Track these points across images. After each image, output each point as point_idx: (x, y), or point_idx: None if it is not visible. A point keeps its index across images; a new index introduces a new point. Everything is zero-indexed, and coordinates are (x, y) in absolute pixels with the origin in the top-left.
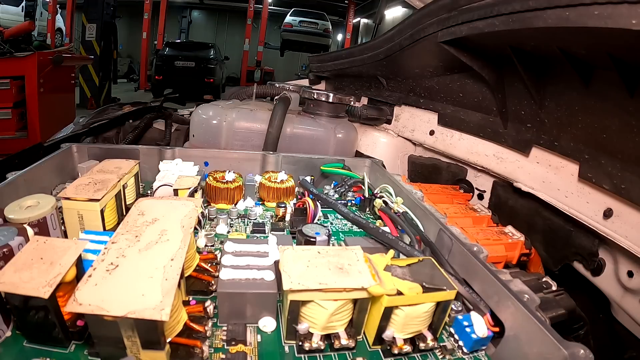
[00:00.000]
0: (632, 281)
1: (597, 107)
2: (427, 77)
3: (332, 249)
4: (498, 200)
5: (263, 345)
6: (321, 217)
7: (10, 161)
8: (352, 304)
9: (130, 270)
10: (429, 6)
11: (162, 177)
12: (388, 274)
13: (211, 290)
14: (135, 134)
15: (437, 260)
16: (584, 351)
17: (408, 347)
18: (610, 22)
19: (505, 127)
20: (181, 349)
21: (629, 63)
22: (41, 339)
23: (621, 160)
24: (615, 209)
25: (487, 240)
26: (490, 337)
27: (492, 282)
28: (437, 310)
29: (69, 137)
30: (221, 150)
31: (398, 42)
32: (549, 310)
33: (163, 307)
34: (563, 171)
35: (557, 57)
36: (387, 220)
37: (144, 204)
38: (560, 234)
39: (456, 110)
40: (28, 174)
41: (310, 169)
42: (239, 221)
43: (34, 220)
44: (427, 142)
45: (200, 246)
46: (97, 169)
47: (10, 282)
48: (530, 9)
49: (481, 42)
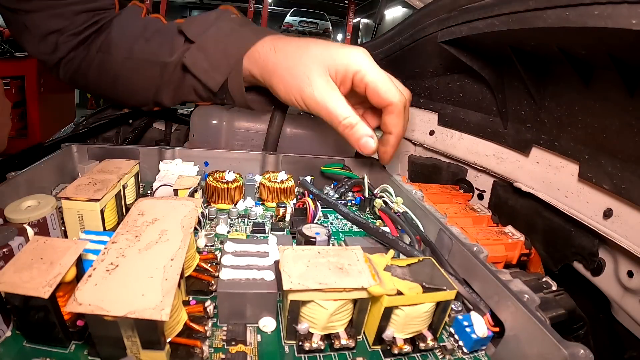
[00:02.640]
0: (632, 281)
1: (597, 107)
2: (427, 77)
3: (332, 249)
4: (498, 200)
5: (263, 345)
6: (321, 217)
7: (10, 161)
8: (352, 304)
9: (130, 270)
10: (429, 6)
11: (162, 177)
12: (388, 274)
13: (211, 290)
14: (135, 134)
15: (437, 260)
16: (584, 351)
17: (408, 347)
18: (610, 22)
19: (505, 127)
20: (181, 349)
21: (629, 63)
22: (41, 339)
23: (621, 160)
24: (615, 209)
25: (487, 240)
26: (490, 337)
27: (492, 282)
28: (437, 310)
29: (69, 137)
30: (221, 150)
31: (398, 42)
32: (549, 310)
33: (163, 307)
34: (563, 171)
35: (557, 57)
36: (387, 220)
37: (144, 204)
38: (560, 234)
39: (456, 110)
40: (28, 174)
41: (310, 169)
42: (239, 221)
43: (34, 220)
44: (427, 142)
45: (200, 246)
46: (97, 169)
47: (10, 282)
48: (530, 9)
49: (481, 42)
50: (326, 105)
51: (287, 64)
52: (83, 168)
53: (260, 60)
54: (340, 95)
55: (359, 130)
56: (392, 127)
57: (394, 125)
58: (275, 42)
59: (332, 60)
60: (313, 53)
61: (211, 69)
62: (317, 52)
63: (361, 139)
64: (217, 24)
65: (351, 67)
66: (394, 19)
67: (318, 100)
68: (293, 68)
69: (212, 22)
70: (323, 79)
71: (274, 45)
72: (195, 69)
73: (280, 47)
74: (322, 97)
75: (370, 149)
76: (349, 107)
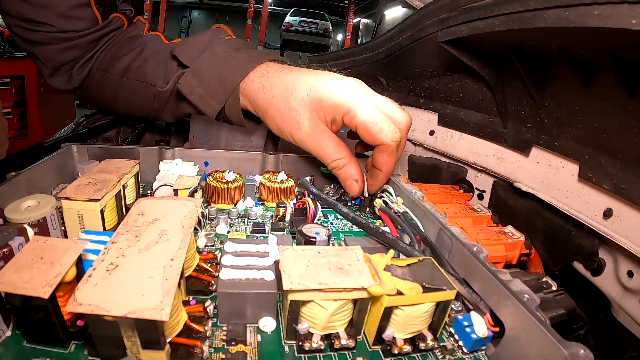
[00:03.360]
0: (632, 281)
1: (597, 107)
2: (427, 77)
3: (332, 249)
4: (498, 200)
5: (263, 345)
6: (321, 217)
7: (10, 161)
8: (352, 304)
9: (130, 270)
10: (429, 6)
11: (162, 177)
12: (388, 274)
13: (211, 290)
14: (135, 134)
15: (437, 260)
16: (584, 351)
17: (408, 347)
18: (610, 22)
19: (505, 127)
20: (181, 349)
21: (629, 63)
22: (41, 339)
23: (621, 160)
24: (615, 209)
25: (487, 240)
26: (490, 337)
27: (492, 282)
28: (437, 310)
29: (69, 137)
30: (221, 150)
31: (398, 42)
32: (549, 310)
33: (163, 307)
34: (563, 171)
35: (557, 57)
36: (387, 220)
37: (144, 204)
38: (560, 234)
39: (456, 110)
40: (28, 174)
41: (310, 169)
42: (239, 221)
43: (34, 220)
44: (427, 142)
45: (200, 246)
46: (97, 169)
47: (10, 282)
48: (530, 9)
49: (481, 42)
50: (315, 148)
51: (276, 105)
52: (83, 168)
53: (252, 97)
54: (329, 136)
55: (345, 172)
56: (382, 165)
57: (384, 164)
58: (263, 80)
59: (318, 103)
60: (300, 96)
61: (207, 95)
62: (304, 93)
63: (346, 181)
64: (212, 47)
65: (340, 110)
66: (394, 19)
67: (307, 143)
68: (283, 111)
69: (206, 45)
70: (312, 122)
71: (262, 84)
72: (191, 95)
73: (269, 88)
74: (311, 140)
75: (354, 192)
76: (338, 148)
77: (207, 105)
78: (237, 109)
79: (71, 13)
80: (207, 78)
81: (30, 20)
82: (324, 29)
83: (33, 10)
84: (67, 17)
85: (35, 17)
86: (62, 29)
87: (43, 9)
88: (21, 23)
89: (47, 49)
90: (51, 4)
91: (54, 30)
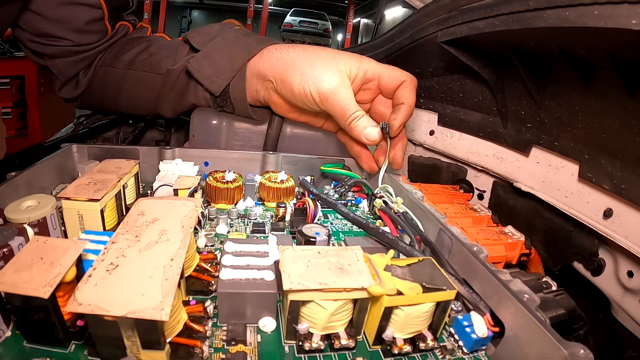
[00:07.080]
0: (632, 281)
1: (597, 107)
2: (427, 77)
3: (332, 249)
4: (498, 200)
5: (263, 345)
6: (321, 217)
7: (10, 161)
8: (352, 304)
9: (130, 270)
10: (429, 6)
11: (162, 177)
12: (388, 274)
13: (211, 290)
14: (135, 134)
15: (437, 260)
16: (584, 351)
17: (408, 347)
18: (610, 22)
19: (505, 127)
20: (181, 349)
21: (629, 63)
22: (41, 339)
23: (621, 160)
24: (615, 209)
25: (487, 240)
26: (490, 337)
27: (492, 282)
28: (437, 310)
29: (69, 137)
30: (221, 150)
31: (398, 42)
32: (549, 310)
33: (163, 307)
34: (563, 171)
35: (557, 57)
36: (387, 220)
37: (144, 204)
38: (560, 234)
39: (456, 110)
40: (28, 174)
41: (310, 169)
42: (239, 221)
43: (34, 220)
44: (427, 142)
45: (200, 246)
46: (97, 169)
47: (10, 282)
48: (530, 9)
49: (481, 42)
50: (341, 99)
51: (306, 56)
52: (83, 168)
53: (274, 58)
54: (352, 92)
55: (365, 119)
56: (405, 98)
57: (407, 97)
58: (277, 53)
59: (346, 59)
60: (328, 52)
61: (215, 74)
62: (331, 52)
63: (366, 129)
64: (222, 34)
65: (363, 66)
66: (394, 19)
67: (336, 92)
68: (313, 60)
69: (217, 32)
70: (342, 75)
71: (278, 55)
72: (198, 74)
73: (286, 55)
74: (339, 91)
75: (374, 137)
76: (356, 102)
77: (212, 82)
78: (242, 88)
79: (87, 27)
80: (217, 58)
81: (47, 35)
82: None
83: (50, 25)
84: (82, 32)
85: (51, 32)
86: (78, 43)
87: (60, 24)
88: (35, 38)
89: (61, 61)
90: (68, 19)
91: (71, 44)
